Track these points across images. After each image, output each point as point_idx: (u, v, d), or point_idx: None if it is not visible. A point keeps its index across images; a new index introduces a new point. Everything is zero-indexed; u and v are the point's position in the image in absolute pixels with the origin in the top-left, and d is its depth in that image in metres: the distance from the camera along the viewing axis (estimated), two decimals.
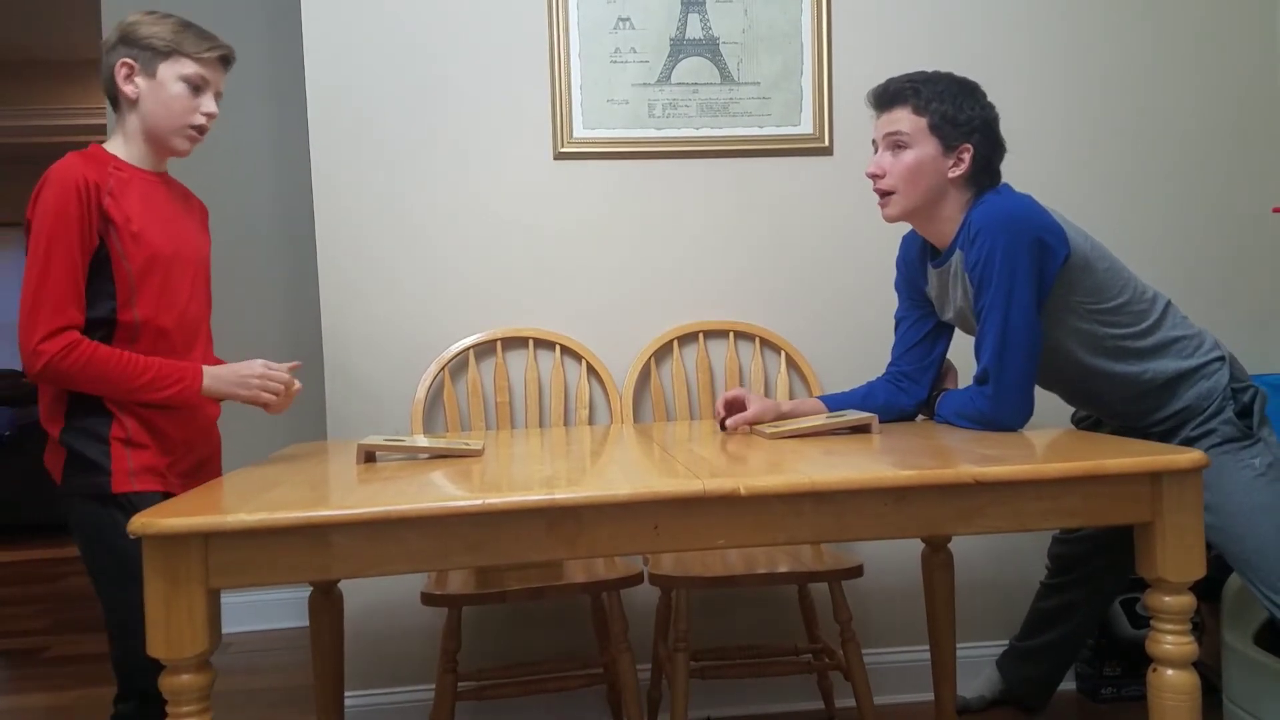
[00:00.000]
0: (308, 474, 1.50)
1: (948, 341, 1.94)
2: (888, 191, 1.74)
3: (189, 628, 1.17)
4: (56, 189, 1.50)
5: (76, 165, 1.52)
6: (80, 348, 1.50)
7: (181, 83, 1.61)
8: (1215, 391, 1.71)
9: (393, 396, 2.26)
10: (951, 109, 1.70)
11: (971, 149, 1.71)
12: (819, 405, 1.91)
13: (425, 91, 2.27)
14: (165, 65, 1.60)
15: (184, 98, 1.62)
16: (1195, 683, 1.35)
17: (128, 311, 1.57)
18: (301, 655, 2.95)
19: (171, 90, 1.61)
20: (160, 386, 1.57)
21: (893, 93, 1.73)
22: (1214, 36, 2.47)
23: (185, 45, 1.61)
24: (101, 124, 5.46)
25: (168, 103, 1.61)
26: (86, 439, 1.55)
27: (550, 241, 2.32)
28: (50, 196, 1.50)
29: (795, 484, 1.26)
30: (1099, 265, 1.70)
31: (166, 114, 1.62)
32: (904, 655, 2.40)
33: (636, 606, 2.34)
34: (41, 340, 1.48)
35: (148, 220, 1.60)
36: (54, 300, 1.49)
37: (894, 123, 1.72)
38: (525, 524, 1.23)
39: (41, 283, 1.49)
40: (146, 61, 1.60)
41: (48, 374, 1.50)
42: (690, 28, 2.32)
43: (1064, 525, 1.34)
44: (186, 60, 1.61)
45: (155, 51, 1.60)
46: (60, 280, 1.49)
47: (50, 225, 1.49)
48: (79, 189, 1.50)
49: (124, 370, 1.53)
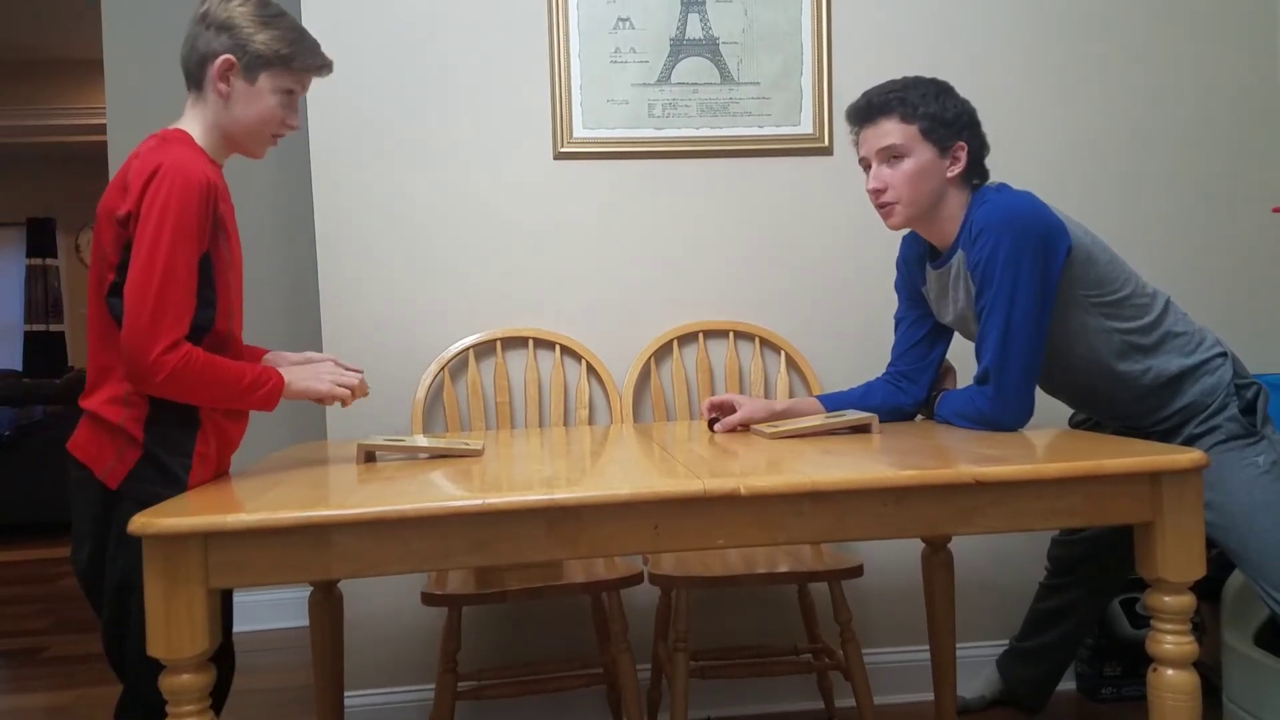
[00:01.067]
0: (308, 474, 1.50)
1: (947, 342, 1.93)
2: (891, 203, 1.73)
3: (189, 628, 1.17)
4: (181, 185, 1.38)
5: (198, 162, 1.42)
6: (195, 357, 1.40)
7: (277, 94, 1.53)
8: (1219, 388, 1.71)
9: (393, 396, 2.26)
10: (938, 109, 1.70)
11: (965, 146, 1.72)
12: (815, 405, 1.91)
13: (425, 91, 2.27)
14: (267, 75, 1.51)
15: (276, 109, 1.53)
16: (1195, 683, 1.35)
17: (225, 321, 1.50)
18: (301, 655, 2.95)
19: (268, 101, 1.52)
20: (255, 390, 1.48)
21: (877, 105, 1.72)
22: (1214, 36, 2.47)
23: (297, 61, 1.52)
24: (102, 124, 5.46)
25: (261, 111, 1.52)
26: (170, 449, 1.46)
27: (550, 241, 2.32)
28: (174, 193, 1.37)
29: (795, 484, 1.26)
30: (1101, 258, 1.70)
31: (256, 121, 1.52)
32: (904, 655, 2.40)
33: (636, 606, 2.34)
34: (164, 352, 1.37)
35: (229, 222, 1.53)
36: (176, 309, 1.38)
37: (884, 135, 1.71)
38: (525, 524, 1.23)
39: (166, 289, 1.37)
40: (250, 65, 1.49)
41: (168, 387, 1.40)
42: (690, 27, 2.32)
43: (1064, 525, 1.34)
44: (291, 75, 1.53)
45: (261, 58, 1.49)
46: (182, 288, 1.39)
47: (175, 225, 1.37)
48: (203, 189, 1.40)
49: (231, 377, 1.45)
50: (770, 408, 1.85)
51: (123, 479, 1.44)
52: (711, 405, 1.88)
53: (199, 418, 1.49)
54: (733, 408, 1.86)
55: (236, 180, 3.17)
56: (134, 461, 1.44)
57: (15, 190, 7.60)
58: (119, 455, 1.45)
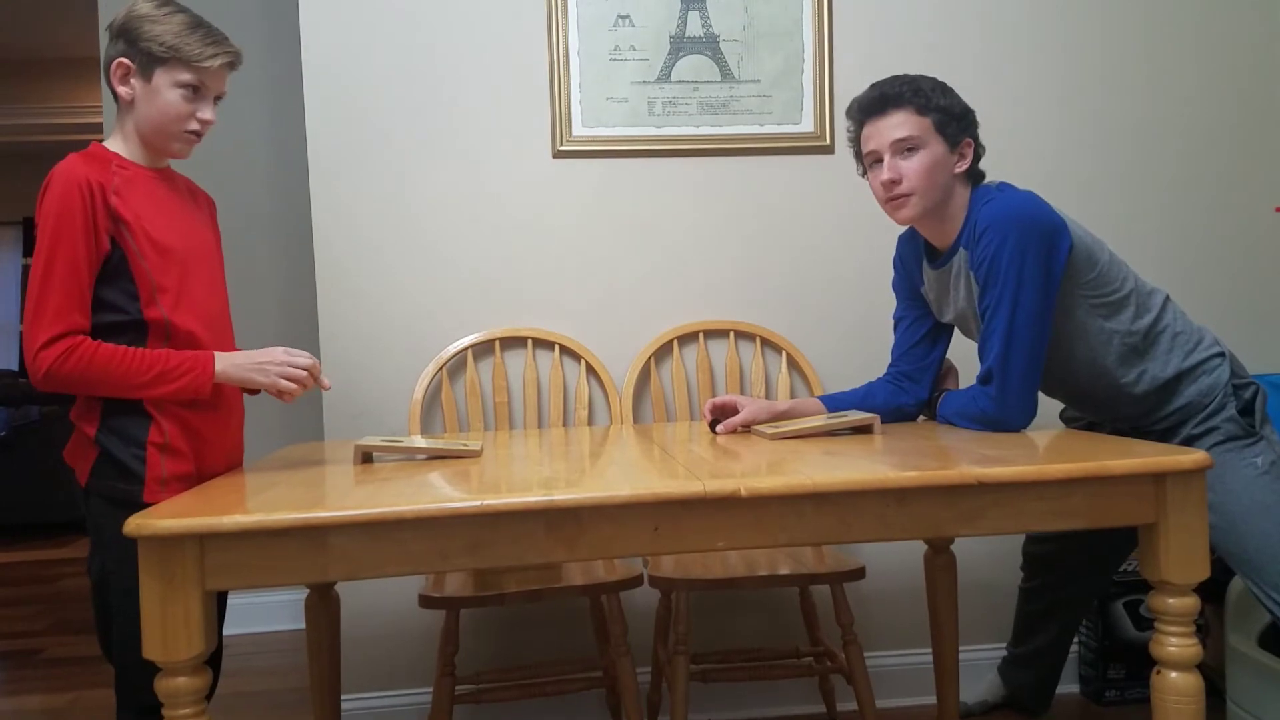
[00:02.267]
0: (304, 475, 1.49)
1: (947, 341, 1.92)
2: (906, 194, 1.71)
3: (185, 630, 1.16)
4: (58, 191, 1.45)
5: (78, 165, 1.47)
6: (79, 350, 1.45)
7: (177, 89, 1.53)
8: (1216, 388, 1.70)
9: (390, 397, 2.25)
10: (949, 104, 1.70)
11: (973, 143, 1.73)
12: (818, 405, 1.90)
13: (423, 89, 2.26)
14: (161, 71, 1.52)
15: (179, 104, 1.54)
16: (1199, 685, 1.34)
17: (153, 309, 1.52)
18: (298, 658, 2.93)
19: (166, 97, 1.53)
20: (170, 379, 1.50)
21: (891, 96, 1.70)
22: (1214, 36, 2.46)
23: (184, 52, 1.52)
24: (99, 122, 5.45)
25: (162, 109, 1.53)
26: (122, 442, 1.50)
27: (549, 240, 2.30)
28: (52, 199, 1.45)
29: (796, 485, 1.25)
30: (1101, 257, 1.70)
31: (161, 119, 1.54)
32: (906, 658, 2.38)
33: (636, 609, 2.32)
34: (42, 347, 1.43)
35: (157, 217, 1.55)
36: (55, 306, 1.44)
37: (898, 127, 1.69)
38: (524, 525, 1.22)
39: (43, 289, 1.44)
40: (143, 65, 1.52)
41: (50, 382, 1.45)
42: (690, 25, 2.30)
43: (1067, 527, 1.33)
44: (184, 68, 1.53)
45: (152, 56, 1.51)
46: (62, 285, 1.44)
47: (53, 229, 1.44)
48: (81, 190, 1.45)
49: (128, 368, 1.47)
50: (772, 408, 1.84)
51: (88, 477, 1.52)
52: (713, 407, 1.87)
53: (145, 409, 1.52)
54: (735, 409, 1.84)
55: (235, 179, 3.16)
56: (94, 460, 1.51)
57: (11, 189, 7.58)
58: (84, 455, 1.53)
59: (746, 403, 1.84)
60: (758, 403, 1.84)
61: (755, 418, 1.82)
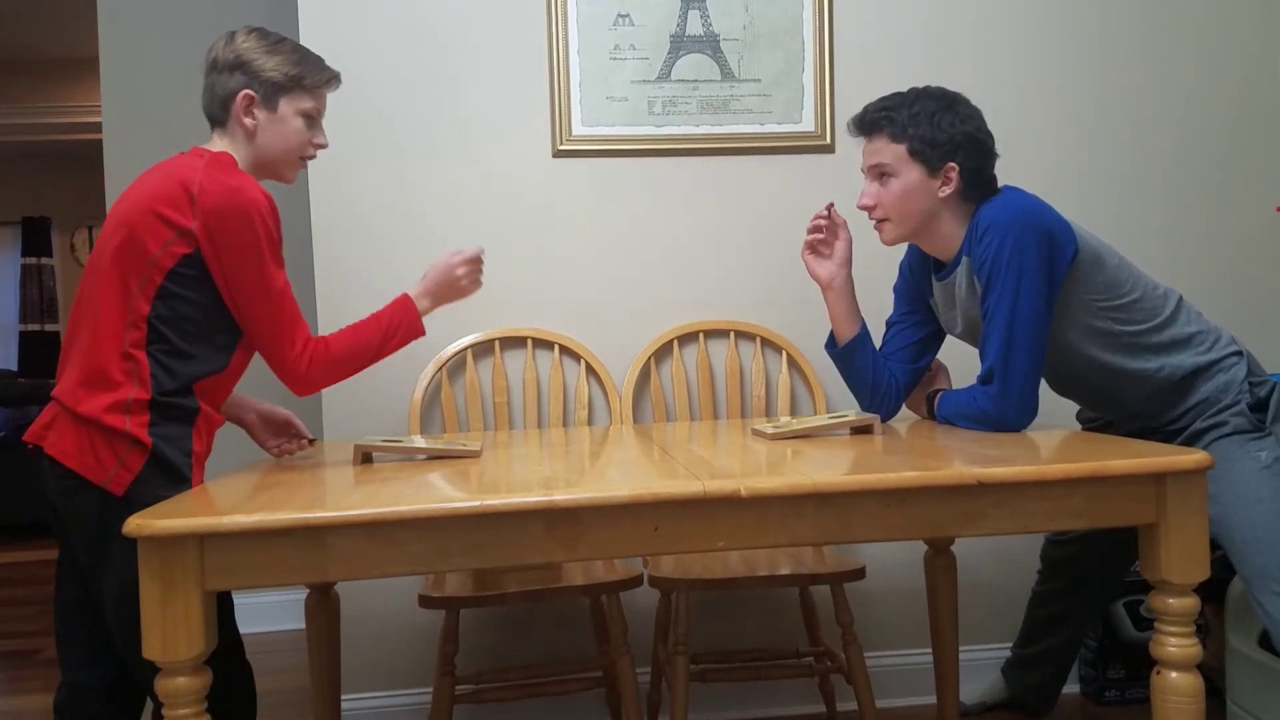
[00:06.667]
0: (304, 475, 1.49)
1: (933, 355, 1.94)
2: (881, 220, 1.75)
3: (185, 630, 1.15)
4: (266, 212, 1.49)
5: (256, 187, 1.50)
6: (315, 345, 1.55)
7: (300, 117, 1.60)
8: (1232, 385, 1.70)
9: (390, 397, 2.25)
10: (929, 131, 1.67)
11: (957, 167, 1.69)
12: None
13: (423, 88, 2.26)
14: (286, 100, 1.58)
15: (301, 131, 1.61)
16: (1199, 685, 1.34)
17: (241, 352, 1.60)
18: (298, 658, 2.93)
19: (291, 125, 1.59)
20: (393, 336, 1.62)
21: (869, 122, 1.73)
22: (1214, 35, 2.46)
23: (306, 79, 1.59)
24: (97, 122, 5.44)
25: (287, 136, 1.59)
26: (175, 447, 1.47)
27: (549, 240, 2.30)
28: (266, 222, 1.48)
29: (796, 485, 1.24)
30: (1109, 261, 1.70)
31: (284, 147, 1.60)
32: (906, 658, 2.38)
33: (636, 609, 2.32)
34: (296, 359, 1.53)
35: None
36: (290, 319, 1.53)
37: (876, 153, 1.72)
38: (524, 525, 1.22)
39: (279, 308, 1.52)
40: (268, 95, 1.57)
41: (309, 385, 1.56)
42: (690, 24, 2.30)
43: (1068, 527, 1.32)
44: (306, 95, 1.60)
45: (276, 86, 1.57)
46: (291, 299, 1.54)
47: (270, 252, 1.49)
48: (276, 212, 1.51)
49: (358, 344, 1.59)
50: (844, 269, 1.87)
51: (129, 484, 1.43)
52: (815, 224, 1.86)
53: (195, 418, 1.50)
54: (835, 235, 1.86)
55: None
56: (140, 466, 1.43)
57: (10, 189, 7.57)
58: (122, 461, 1.43)
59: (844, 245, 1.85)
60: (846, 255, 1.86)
61: (844, 257, 1.85)
